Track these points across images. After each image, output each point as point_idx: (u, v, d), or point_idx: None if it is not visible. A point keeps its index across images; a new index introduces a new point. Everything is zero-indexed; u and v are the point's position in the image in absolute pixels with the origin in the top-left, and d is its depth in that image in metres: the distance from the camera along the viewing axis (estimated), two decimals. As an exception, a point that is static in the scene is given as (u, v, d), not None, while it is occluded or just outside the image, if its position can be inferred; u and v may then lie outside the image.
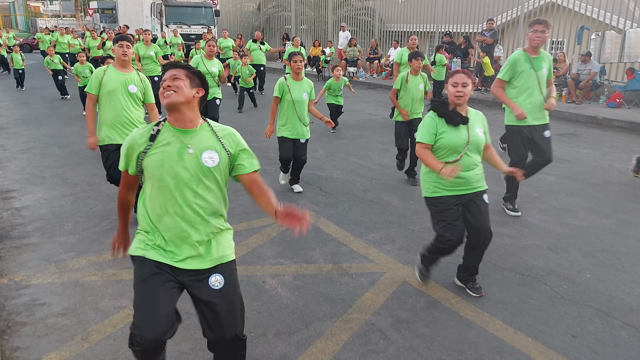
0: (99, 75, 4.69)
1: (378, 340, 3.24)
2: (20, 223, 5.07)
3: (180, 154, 2.27)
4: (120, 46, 4.68)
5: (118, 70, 4.73)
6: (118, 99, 4.68)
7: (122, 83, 4.67)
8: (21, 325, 3.39)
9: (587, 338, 3.26)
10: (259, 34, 13.60)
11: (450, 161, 3.43)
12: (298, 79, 5.58)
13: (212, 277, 2.38)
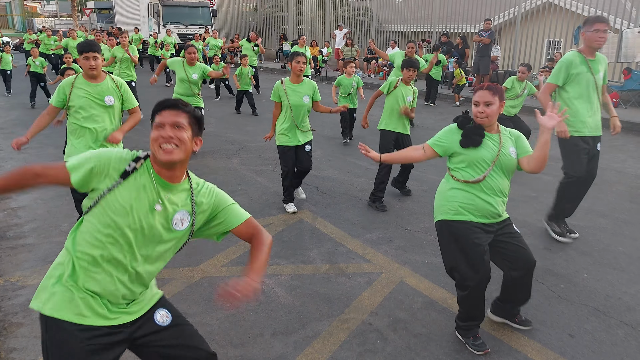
0: (66, 89, 4.07)
1: (375, 340, 3.24)
2: (16, 223, 5.05)
3: (152, 207, 1.91)
4: (86, 58, 3.98)
5: (88, 82, 4.10)
6: (92, 113, 4.11)
7: (95, 96, 4.11)
8: (17, 326, 3.37)
9: (584, 337, 3.26)
10: (254, 35, 13.54)
11: (471, 181, 2.96)
12: (297, 81, 5.10)
13: (157, 315, 2.06)
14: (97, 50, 4.01)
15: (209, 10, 23.69)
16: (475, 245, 2.93)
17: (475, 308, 3.07)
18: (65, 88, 4.07)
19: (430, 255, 4.40)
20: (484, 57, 13.37)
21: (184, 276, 4.03)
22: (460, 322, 3.19)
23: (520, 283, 3.11)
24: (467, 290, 3.01)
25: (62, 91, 4.08)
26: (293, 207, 5.36)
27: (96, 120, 4.14)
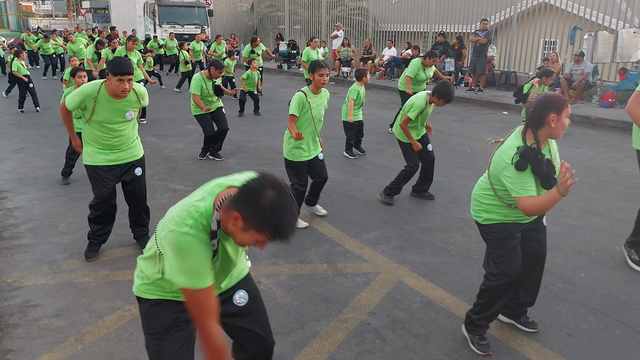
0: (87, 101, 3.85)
1: (374, 340, 3.24)
2: (12, 224, 5.02)
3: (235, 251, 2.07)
4: (121, 80, 3.74)
5: (111, 97, 3.89)
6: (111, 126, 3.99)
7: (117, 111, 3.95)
8: (14, 327, 3.36)
9: (582, 336, 3.27)
10: (257, 42, 13.47)
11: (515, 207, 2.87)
12: (317, 92, 4.75)
13: (236, 295, 2.24)
14: (132, 72, 3.78)
15: (205, 10, 23.65)
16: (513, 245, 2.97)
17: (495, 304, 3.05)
18: (86, 100, 3.84)
19: (429, 255, 4.40)
20: (480, 57, 13.40)
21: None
22: (474, 315, 3.13)
23: (528, 276, 3.13)
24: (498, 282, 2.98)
25: (81, 100, 3.85)
26: (303, 222, 5.04)
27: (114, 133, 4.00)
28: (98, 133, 3.98)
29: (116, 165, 4.12)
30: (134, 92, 3.99)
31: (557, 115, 2.65)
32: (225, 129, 7.33)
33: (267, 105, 11.87)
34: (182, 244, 1.80)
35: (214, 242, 1.87)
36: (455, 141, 8.73)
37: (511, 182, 2.71)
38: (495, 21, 15.37)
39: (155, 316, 2.11)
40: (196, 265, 1.81)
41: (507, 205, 2.89)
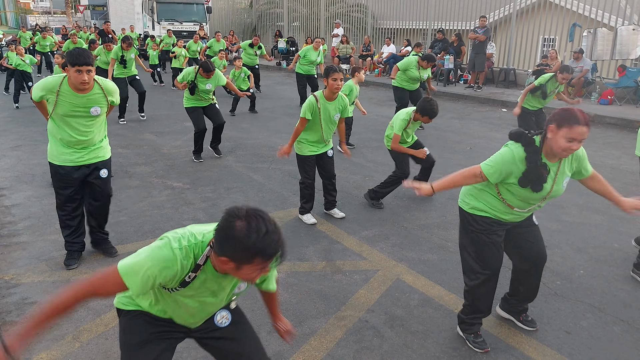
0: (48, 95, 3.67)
1: (372, 337, 3.23)
2: (10, 221, 5.01)
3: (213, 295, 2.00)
4: (79, 72, 3.52)
5: (75, 92, 3.67)
6: (75, 123, 3.77)
7: (81, 106, 3.73)
8: (11, 324, 3.34)
9: (580, 334, 3.27)
10: (257, 39, 13.38)
11: (514, 208, 2.85)
12: (332, 98, 4.69)
13: (217, 316, 2.16)
14: (91, 63, 3.56)
15: (204, 7, 23.58)
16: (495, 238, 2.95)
17: (482, 301, 3.05)
18: (47, 93, 3.67)
19: (427, 253, 4.40)
20: (479, 54, 13.38)
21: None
22: (464, 316, 3.16)
23: (527, 277, 3.13)
24: (477, 280, 3.00)
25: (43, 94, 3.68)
26: (312, 218, 5.03)
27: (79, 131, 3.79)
28: (62, 129, 3.76)
29: (80, 166, 3.91)
30: (100, 86, 3.78)
31: (556, 128, 2.55)
32: (221, 123, 7.25)
33: (265, 103, 11.85)
34: (162, 250, 1.80)
35: (191, 275, 1.84)
36: (454, 138, 8.73)
37: (493, 158, 2.74)
38: (495, 18, 15.35)
39: (133, 329, 2.04)
40: (144, 270, 1.77)
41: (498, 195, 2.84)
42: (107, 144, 4.09)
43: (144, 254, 1.81)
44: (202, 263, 1.83)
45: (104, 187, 4.08)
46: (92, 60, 3.59)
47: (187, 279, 1.84)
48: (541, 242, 3.09)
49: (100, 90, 3.79)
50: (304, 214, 5.06)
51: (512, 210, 2.87)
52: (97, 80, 3.78)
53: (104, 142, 4.04)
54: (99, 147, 3.98)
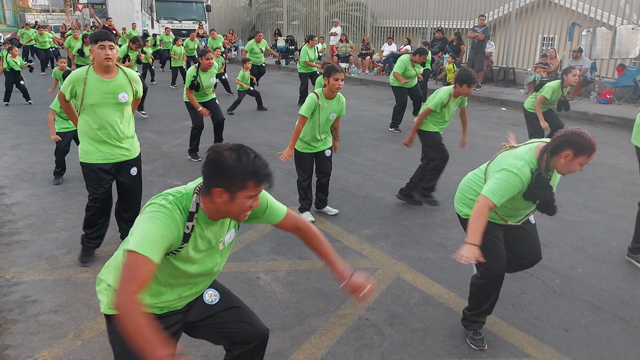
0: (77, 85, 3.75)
1: (372, 335, 3.25)
2: (10, 220, 5.02)
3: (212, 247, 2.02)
4: (102, 47, 3.66)
5: (100, 77, 3.77)
6: (105, 113, 3.82)
7: (109, 93, 3.80)
8: (13, 322, 3.36)
9: (579, 331, 3.29)
10: (260, 36, 13.36)
11: (505, 221, 2.98)
12: (331, 97, 4.74)
13: (205, 295, 2.18)
14: (113, 39, 3.70)
15: (203, 5, 23.57)
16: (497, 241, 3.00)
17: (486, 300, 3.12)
18: (76, 84, 3.75)
19: (427, 251, 4.41)
20: (478, 53, 13.40)
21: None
22: (467, 312, 3.21)
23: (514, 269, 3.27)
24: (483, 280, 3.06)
25: (72, 86, 3.77)
26: (310, 215, 5.07)
27: (110, 123, 3.84)
28: (94, 124, 3.81)
29: (112, 164, 3.97)
30: (124, 73, 3.88)
31: (572, 155, 2.63)
32: (221, 120, 7.30)
33: (265, 102, 11.81)
34: (154, 212, 1.80)
35: (189, 224, 1.85)
36: (454, 137, 8.71)
37: (495, 182, 2.69)
38: (494, 17, 15.37)
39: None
40: (153, 234, 1.75)
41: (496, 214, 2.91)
42: (136, 141, 4.16)
43: (144, 224, 1.78)
44: (194, 210, 1.86)
45: (135, 185, 4.19)
46: (114, 38, 3.74)
47: (186, 231, 1.85)
48: (537, 242, 3.16)
49: (125, 77, 3.89)
50: (303, 212, 5.08)
51: (501, 220, 2.98)
52: (121, 68, 3.90)
53: (133, 139, 4.12)
54: (130, 143, 4.05)
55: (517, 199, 2.79)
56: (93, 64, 3.80)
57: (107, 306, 2.00)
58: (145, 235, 1.75)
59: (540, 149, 2.74)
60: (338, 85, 4.60)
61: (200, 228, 1.90)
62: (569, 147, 2.61)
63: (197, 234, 1.90)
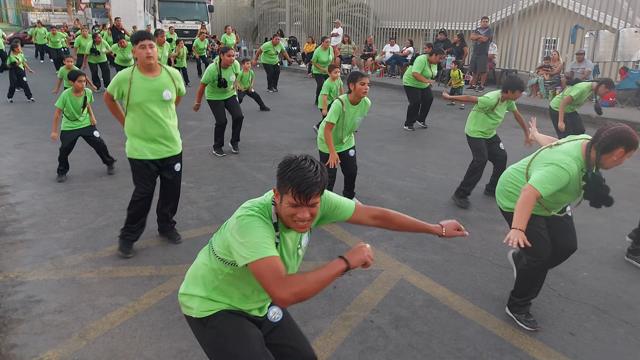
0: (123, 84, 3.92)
1: (377, 337, 3.24)
2: (14, 219, 5.02)
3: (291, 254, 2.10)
4: (143, 47, 3.83)
5: (145, 76, 3.94)
6: (151, 111, 3.97)
7: (154, 91, 3.96)
8: (17, 322, 3.36)
9: (585, 335, 3.28)
10: (277, 39, 13.41)
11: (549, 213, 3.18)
12: (357, 102, 4.82)
13: (270, 312, 2.26)
14: (153, 39, 3.89)
15: (206, 5, 23.59)
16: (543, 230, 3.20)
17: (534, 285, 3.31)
18: (122, 84, 3.92)
19: (430, 253, 4.41)
20: (481, 55, 13.40)
21: (185, 272, 3.96)
22: (517, 298, 3.37)
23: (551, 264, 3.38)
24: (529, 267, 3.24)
25: (118, 86, 3.93)
26: None
27: (156, 119, 3.99)
28: (140, 122, 3.98)
29: (158, 160, 4.15)
30: (167, 72, 4.06)
31: (624, 152, 2.80)
32: (239, 117, 7.45)
33: (267, 102, 11.82)
34: (248, 221, 1.88)
35: (277, 234, 1.94)
36: (457, 139, 8.73)
37: (543, 174, 2.85)
38: (497, 19, 15.35)
39: (222, 326, 2.08)
40: (259, 239, 1.84)
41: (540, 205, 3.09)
42: (179, 138, 4.29)
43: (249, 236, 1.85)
44: (275, 220, 1.94)
45: (177, 180, 4.38)
46: (153, 37, 3.92)
47: (276, 240, 1.93)
48: (573, 233, 3.36)
49: (168, 75, 4.06)
50: None
51: (544, 210, 3.17)
52: (164, 67, 4.08)
53: (177, 136, 4.24)
54: (174, 140, 4.20)
55: (560, 193, 2.95)
56: (137, 64, 3.99)
57: (199, 311, 2.10)
58: (255, 241, 1.84)
59: (585, 146, 2.90)
60: (365, 89, 4.67)
61: (283, 236, 2.00)
62: (622, 145, 2.77)
63: (282, 241, 2.00)
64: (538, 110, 11.23)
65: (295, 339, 2.27)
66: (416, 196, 5.82)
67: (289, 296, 1.75)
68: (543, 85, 12.36)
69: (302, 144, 8.19)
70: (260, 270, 1.80)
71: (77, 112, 6.12)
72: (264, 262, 1.80)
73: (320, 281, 1.79)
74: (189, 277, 2.20)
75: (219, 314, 2.10)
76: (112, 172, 6.49)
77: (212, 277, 2.09)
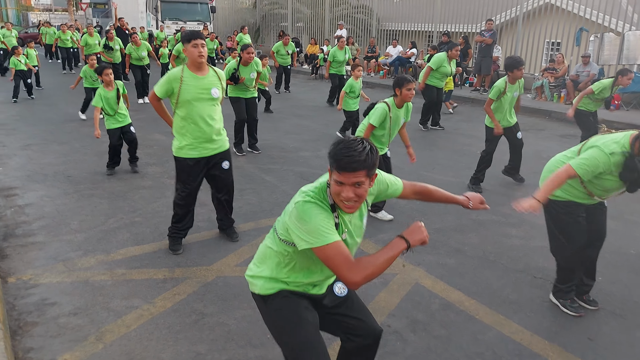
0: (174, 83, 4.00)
1: (395, 341, 3.22)
2: (24, 221, 4.99)
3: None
4: (195, 46, 3.94)
5: (195, 74, 4.04)
6: (200, 109, 4.05)
7: (203, 89, 4.06)
8: (32, 325, 3.34)
9: (603, 340, 3.27)
10: (287, 39, 13.47)
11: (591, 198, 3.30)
12: (402, 105, 4.89)
13: (335, 287, 2.33)
14: (204, 38, 4.02)
15: (208, 6, 23.62)
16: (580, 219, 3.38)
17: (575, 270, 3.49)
18: (173, 82, 4.01)
19: (444, 257, 4.39)
20: (485, 57, 13.38)
21: (199, 275, 4.00)
22: (561, 285, 3.54)
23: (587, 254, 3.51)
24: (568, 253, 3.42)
25: (169, 85, 4.02)
26: (386, 214, 5.23)
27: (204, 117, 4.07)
28: (189, 120, 4.04)
29: (205, 158, 4.20)
30: (214, 72, 4.18)
31: None
32: (254, 119, 7.54)
33: (273, 104, 11.81)
34: (306, 209, 1.94)
35: (335, 214, 2.00)
36: (463, 141, 8.73)
37: (584, 156, 3.06)
38: (500, 21, 15.35)
39: (281, 306, 2.19)
40: (319, 225, 1.91)
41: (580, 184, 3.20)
42: (226, 136, 4.35)
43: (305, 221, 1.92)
44: (332, 202, 2.00)
45: (227, 178, 4.44)
46: (204, 36, 4.07)
47: (335, 220, 2.00)
48: (604, 223, 3.53)
49: (215, 74, 4.19)
50: (378, 212, 5.24)
51: (592, 198, 3.29)
52: (211, 67, 4.20)
53: (224, 134, 4.32)
54: (220, 138, 4.26)
55: (607, 179, 3.09)
56: (186, 63, 4.08)
57: (262, 287, 2.21)
58: (315, 230, 1.91)
59: (634, 136, 3.01)
60: (411, 94, 4.76)
61: (342, 217, 2.06)
62: None
63: (341, 222, 2.06)
64: (543, 113, 11.24)
65: (360, 311, 2.35)
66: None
67: (362, 279, 1.88)
68: (548, 87, 12.35)
69: (310, 146, 8.18)
70: (328, 256, 1.90)
71: (113, 106, 6.30)
72: (329, 248, 1.89)
73: (387, 261, 1.93)
74: (256, 258, 2.32)
75: (279, 293, 2.19)
76: (136, 169, 6.61)
77: (278, 258, 2.18)
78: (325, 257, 1.91)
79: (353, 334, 2.34)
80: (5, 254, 4.31)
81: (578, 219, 3.35)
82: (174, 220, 4.39)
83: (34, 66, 12.94)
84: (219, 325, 3.35)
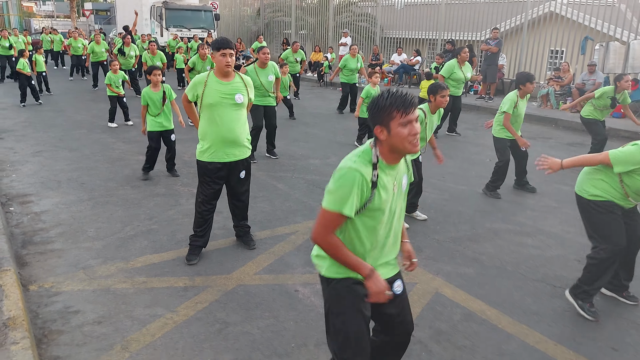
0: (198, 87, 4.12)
1: (420, 352, 3.23)
2: (41, 228, 5.01)
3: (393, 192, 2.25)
4: (224, 55, 4.01)
5: (220, 80, 4.12)
6: (223, 113, 4.12)
7: (227, 94, 4.11)
8: (58, 333, 3.34)
9: (627, 350, 3.28)
10: (297, 46, 13.51)
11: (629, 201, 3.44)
12: (435, 112, 5.07)
13: (395, 284, 2.40)
14: (233, 47, 4.09)
15: (212, 14, 23.68)
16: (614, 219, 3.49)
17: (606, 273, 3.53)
18: (197, 86, 4.12)
19: (462, 266, 4.41)
20: (491, 65, 13.45)
21: (219, 284, 4.01)
22: (586, 286, 3.57)
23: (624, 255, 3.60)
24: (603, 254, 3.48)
25: (195, 89, 4.14)
26: (421, 214, 5.46)
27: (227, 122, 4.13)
28: (213, 125, 4.11)
29: (226, 164, 4.24)
30: (240, 78, 4.22)
31: None
32: (273, 126, 7.60)
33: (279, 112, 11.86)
34: (344, 172, 2.12)
35: (374, 173, 2.13)
36: (472, 149, 8.76)
37: (623, 149, 3.31)
38: (505, 28, 15.42)
39: (343, 293, 2.29)
40: (344, 193, 2.09)
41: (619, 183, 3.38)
42: (249, 144, 4.40)
43: (334, 185, 2.13)
44: (376, 161, 2.14)
45: (240, 186, 4.49)
46: (233, 45, 4.13)
47: (373, 179, 2.12)
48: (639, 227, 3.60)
49: (242, 81, 4.23)
50: (412, 212, 5.42)
51: (627, 200, 3.42)
52: (238, 74, 4.25)
53: (247, 142, 4.35)
54: (243, 145, 4.30)
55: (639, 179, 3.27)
56: (213, 69, 4.19)
57: (327, 269, 2.31)
58: (337, 194, 2.10)
59: None
60: (445, 101, 4.93)
61: (383, 174, 2.16)
62: None
63: (381, 180, 2.15)
64: (549, 121, 11.29)
65: (404, 310, 2.45)
66: (440, 208, 5.82)
67: (319, 243, 2.18)
68: (554, 96, 12.41)
69: (319, 153, 8.20)
70: (324, 215, 2.13)
71: (158, 106, 6.47)
72: (331, 213, 2.11)
73: (342, 262, 2.19)
74: None
75: (344, 280, 2.28)
76: (176, 174, 6.80)
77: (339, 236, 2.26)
78: (322, 214, 2.14)
79: (392, 330, 2.48)
80: (25, 262, 4.32)
81: (618, 219, 3.47)
82: (194, 225, 4.42)
83: (41, 72, 13.06)
84: (243, 335, 3.36)
